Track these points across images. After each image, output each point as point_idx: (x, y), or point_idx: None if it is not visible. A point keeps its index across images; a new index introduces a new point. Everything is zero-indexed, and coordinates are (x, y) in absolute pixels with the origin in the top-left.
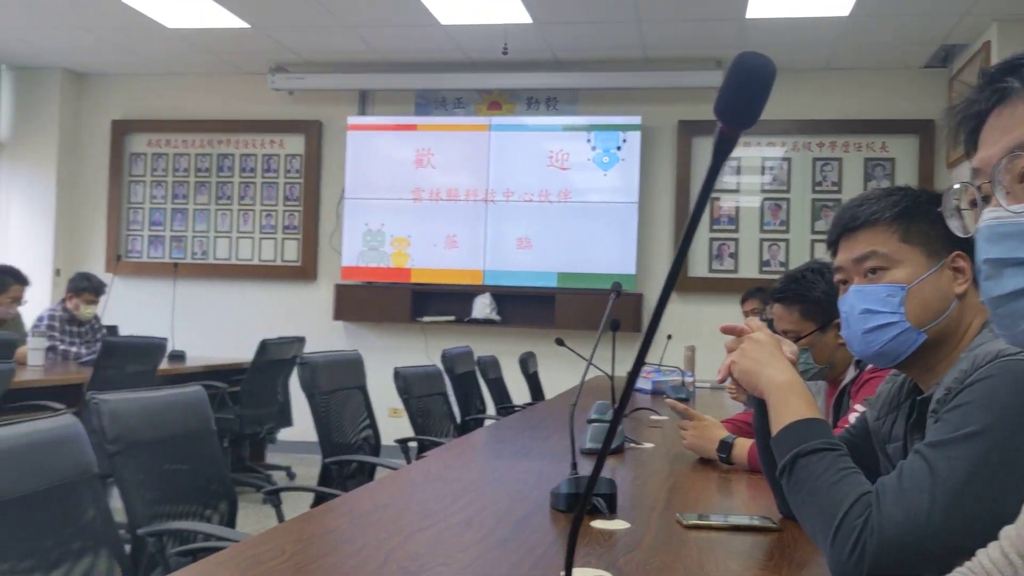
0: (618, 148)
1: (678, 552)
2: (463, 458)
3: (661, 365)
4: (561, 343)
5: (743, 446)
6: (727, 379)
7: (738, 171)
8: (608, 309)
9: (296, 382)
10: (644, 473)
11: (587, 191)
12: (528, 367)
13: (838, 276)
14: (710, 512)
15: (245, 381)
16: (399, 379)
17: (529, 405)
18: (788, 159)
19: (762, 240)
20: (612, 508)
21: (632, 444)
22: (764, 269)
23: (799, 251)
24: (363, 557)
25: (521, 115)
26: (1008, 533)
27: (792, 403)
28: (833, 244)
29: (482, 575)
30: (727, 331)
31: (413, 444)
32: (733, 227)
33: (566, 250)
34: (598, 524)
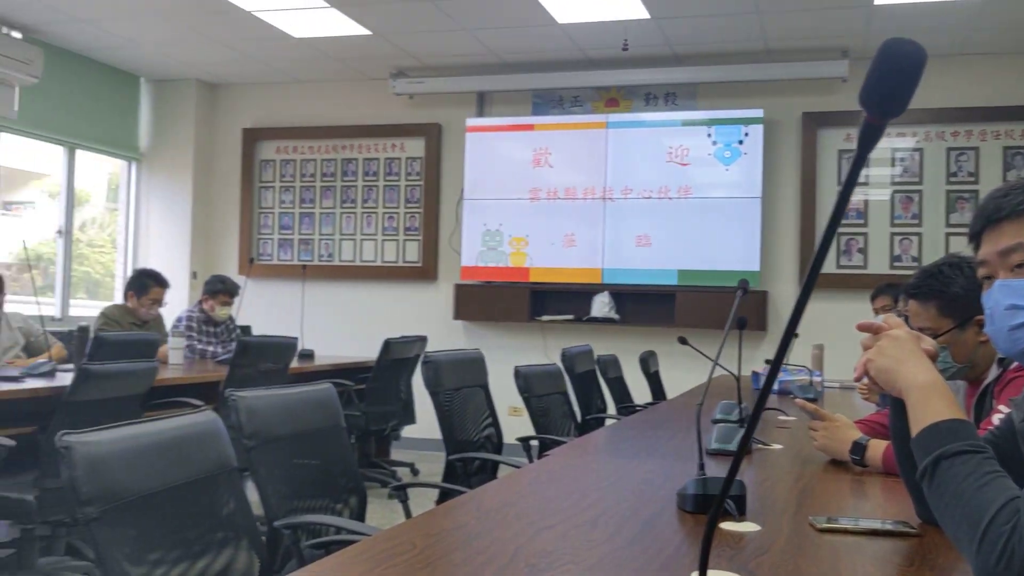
0: (740, 142)
1: (812, 556)
2: (586, 457)
3: (788, 364)
4: (684, 342)
5: (878, 447)
6: (863, 378)
7: (867, 163)
8: (734, 307)
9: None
10: (773, 475)
11: (708, 187)
12: (649, 366)
13: (982, 271)
14: (840, 516)
15: (370, 379)
16: (519, 378)
17: (651, 405)
18: (920, 149)
19: (893, 234)
20: (742, 510)
21: (760, 445)
22: (895, 264)
23: (932, 245)
24: (492, 553)
25: (639, 111)
26: None
27: (934, 403)
28: (976, 237)
29: (610, 575)
30: (863, 328)
31: (534, 442)
32: (862, 221)
33: (686, 247)
34: (728, 526)
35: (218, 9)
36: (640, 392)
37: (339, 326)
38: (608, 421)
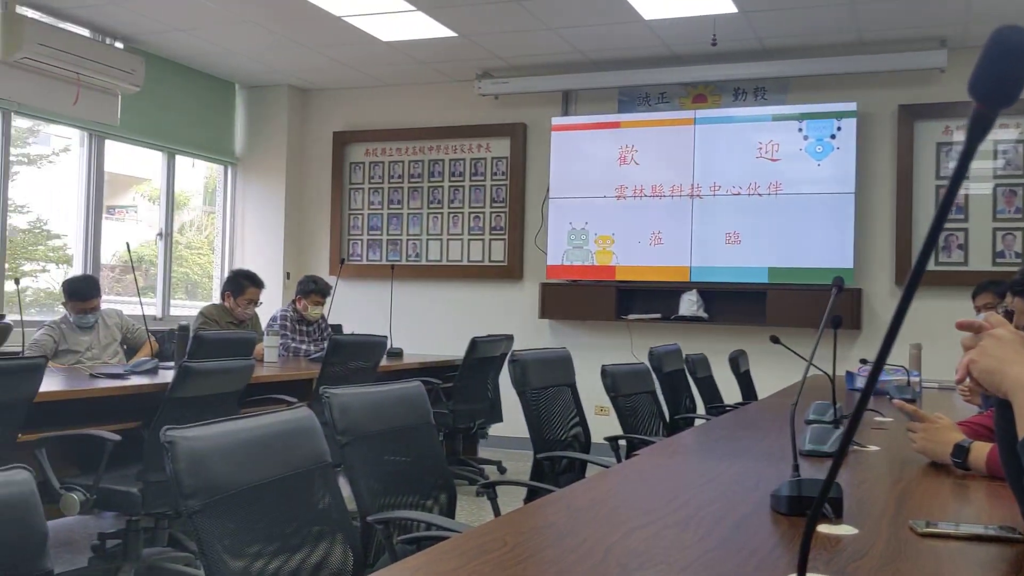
0: (832, 136)
1: (913, 561)
2: (676, 457)
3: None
4: (777, 341)
5: (981, 450)
6: (965, 379)
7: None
8: (829, 305)
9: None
10: (870, 477)
11: (799, 182)
12: (739, 365)
13: None
14: (939, 520)
15: (457, 377)
16: (607, 377)
17: (741, 405)
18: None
19: (995, 230)
20: (838, 512)
21: (856, 447)
22: (998, 261)
23: None
24: (583, 552)
25: (727, 107)
26: None
27: None
28: None
29: None
30: (964, 327)
31: (622, 442)
32: (962, 216)
33: (777, 244)
34: (824, 529)
35: (310, 16)
36: (730, 392)
37: (426, 325)
38: (697, 421)
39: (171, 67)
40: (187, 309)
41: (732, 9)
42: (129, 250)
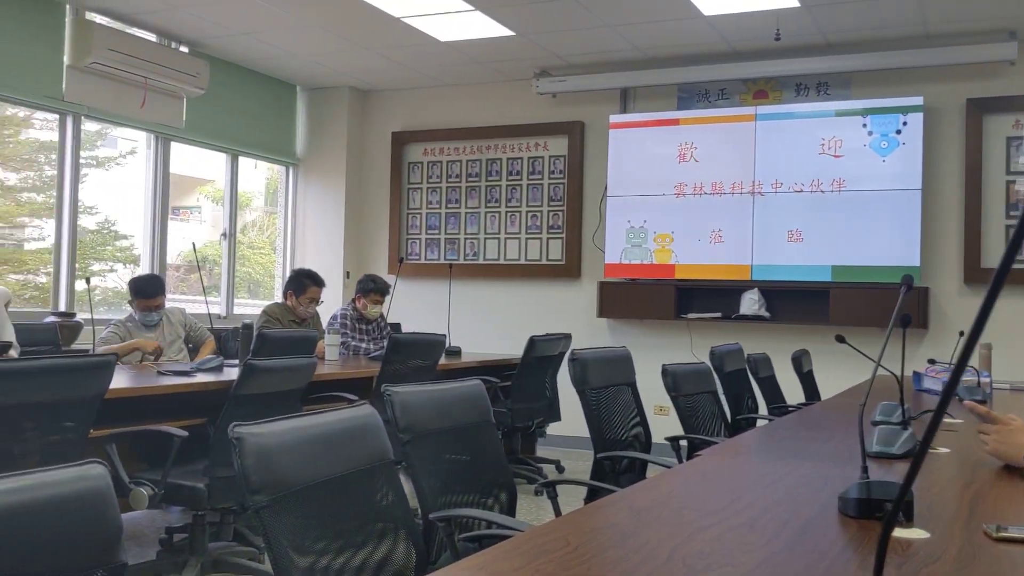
0: (898, 132)
1: (988, 566)
2: (739, 458)
3: (952, 364)
4: (842, 340)
5: None
6: None
7: None
8: (898, 304)
9: (564, 378)
10: (940, 480)
11: (864, 179)
12: (802, 365)
13: None
14: (1014, 524)
15: (515, 376)
16: (667, 376)
17: (804, 405)
18: None
19: None
20: (909, 516)
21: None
22: None
23: None
24: (647, 552)
25: (789, 103)
26: None
27: None
28: None
29: None
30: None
31: (683, 442)
32: None
33: (841, 242)
34: (896, 532)
35: (369, 17)
36: (792, 392)
37: (484, 324)
38: (760, 422)
39: (234, 70)
40: (250, 308)
41: (795, 3)
42: (195, 250)
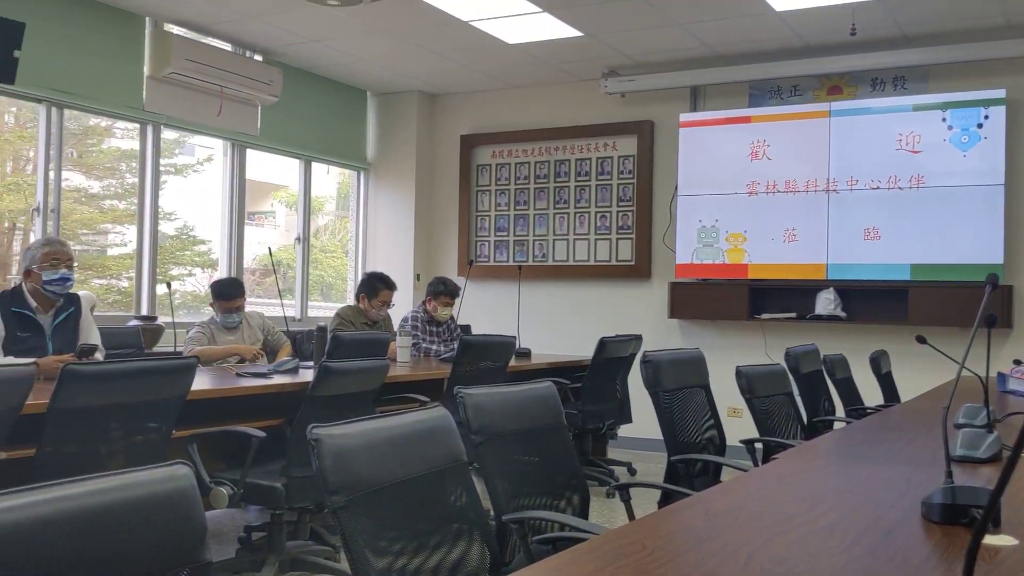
0: (979, 126)
1: None
2: (817, 461)
3: None
4: (923, 341)
5: None
6: None
7: None
8: (983, 303)
9: (635, 379)
10: None
11: (943, 174)
12: (880, 366)
13: None
14: None
15: (586, 377)
16: (741, 378)
17: (883, 407)
18: None
19: None
20: (996, 522)
21: (1008, 451)
22: None
23: None
24: (724, 556)
25: (864, 98)
26: None
27: None
28: None
29: None
30: None
31: (758, 445)
32: None
33: (920, 240)
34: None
35: (437, 22)
36: (871, 394)
37: (554, 325)
38: (837, 424)
39: (306, 77)
40: (323, 310)
41: None
42: (271, 254)
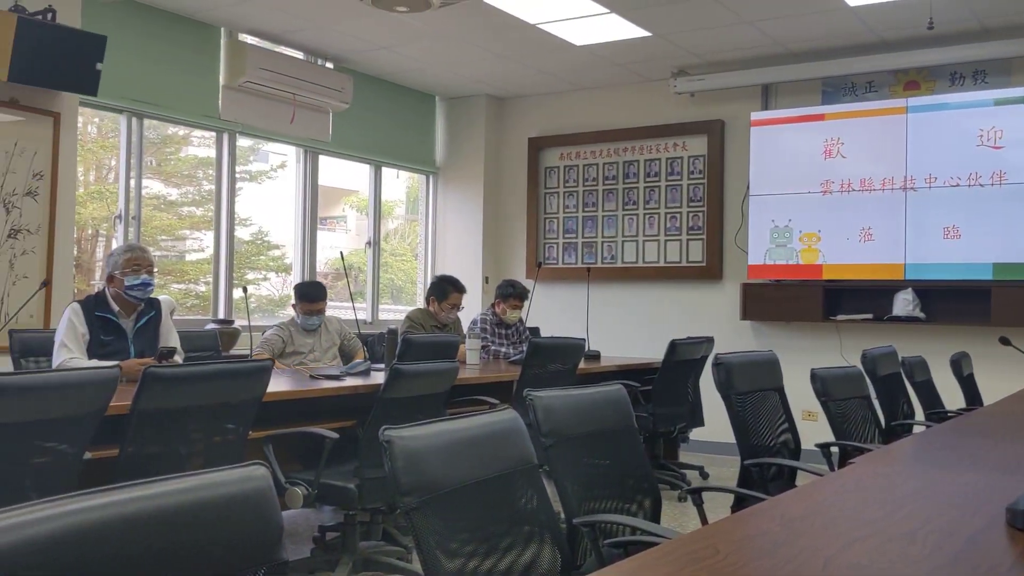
0: None
1: None
2: (896, 466)
3: None
4: (1007, 342)
5: None
6: None
7: None
8: None
9: (706, 382)
10: None
11: None
12: (961, 368)
13: None
14: None
15: (656, 380)
16: (816, 380)
17: (965, 411)
18: None
19: None
20: None
21: None
22: None
23: None
24: (800, 562)
25: (943, 92)
26: None
27: None
28: None
29: None
30: None
31: (834, 449)
32: None
33: (1003, 238)
34: None
35: (505, 26)
36: (952, 397)
37: (624, 327)
38: (916, 428)
39: (376, 83)
40: (393, 313)
41: None
42: (343, 258)
